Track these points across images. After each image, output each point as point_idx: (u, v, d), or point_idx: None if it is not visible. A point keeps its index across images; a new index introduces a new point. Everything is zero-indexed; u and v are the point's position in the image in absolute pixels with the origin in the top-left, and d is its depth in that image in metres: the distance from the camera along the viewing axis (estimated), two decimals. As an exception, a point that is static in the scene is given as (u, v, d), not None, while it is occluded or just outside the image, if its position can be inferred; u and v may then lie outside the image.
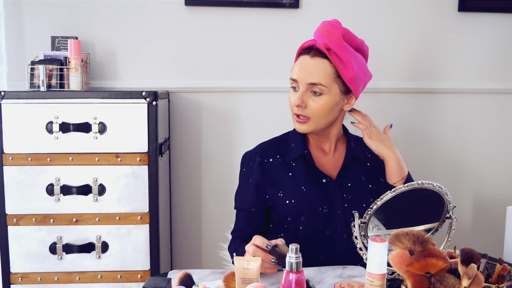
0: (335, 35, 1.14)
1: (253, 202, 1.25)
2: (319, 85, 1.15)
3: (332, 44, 1.14)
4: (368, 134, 1.22)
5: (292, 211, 1.20)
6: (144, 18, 1.87)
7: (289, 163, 1.24)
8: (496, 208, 2.02)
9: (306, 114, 1.17)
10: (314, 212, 1.19)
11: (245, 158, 1.30)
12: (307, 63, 1.16)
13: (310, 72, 1.15)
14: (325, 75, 1.15)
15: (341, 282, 0.99)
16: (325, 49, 1.15)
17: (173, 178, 1.95)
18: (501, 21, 1.95)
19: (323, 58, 1.16)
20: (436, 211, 1.04)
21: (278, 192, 1.22)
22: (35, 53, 1.78)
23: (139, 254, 1.61)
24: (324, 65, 1.15)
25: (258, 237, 1.04)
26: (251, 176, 1.25)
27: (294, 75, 1.18)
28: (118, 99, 1.57)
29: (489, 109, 2.00)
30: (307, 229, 1.19)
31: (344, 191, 1.21)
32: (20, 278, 1.59)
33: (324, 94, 1.16)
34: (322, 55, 1.16)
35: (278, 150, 1.26)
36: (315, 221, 1.19)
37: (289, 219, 1.21)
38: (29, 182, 1.56)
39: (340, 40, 1.15)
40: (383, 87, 1.94)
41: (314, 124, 1.18)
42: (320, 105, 1.16)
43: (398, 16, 1.92)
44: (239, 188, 1.30)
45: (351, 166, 1.24)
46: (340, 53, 1.14)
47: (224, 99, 1.93)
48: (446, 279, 0.79)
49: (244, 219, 1.27)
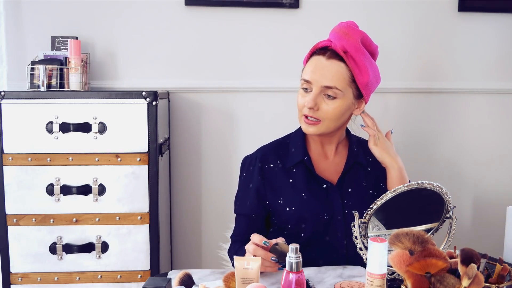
0: (354, 39, 1.12)
1: (253, 207, 1.24)
2: (334, 88, 1.12)
3: (350, 48, 1.12)
4: (374, 140, 1.20)
5: (293, 218, 1.19)
6: (144, 18, 1.87)
7: (289, 169, 1.22)
8: (496, 208, 2.02)
9: (317, 117, 1.14)
10: (315, 219, 1.18)
11: (245, 162, 1.28)
12: (322, 64, 1.13)
13: (325, 75, 1.12)
14: (340, 79, 1.12)
15: (341, 282, 0.99)
16: (342, 51, 1.12)
17: (173, 178, 1.95)
18: (501, 21, 1.95)
19: (339, 61, 1.13)
20: (436, 211, 1.04)
21: (279, 199, 1.21)
22: (35, 53, 1.78)
23: (139, 254, 1.61)
24: (341, 69, 1.12)
25: (256, 235, 1.03)
26: (251, 181, 1.24)
27: (307, 76, 1.14)
28: (118, 99, 1.57)
29: (489, 109, 2.00)
30: (307, 235, 1.18)
31: (344, 197, 1.20)
32: (20, 278, 1.59)
33: (338, 98, 1.13)
34: (339, 57, 1.13)
35: (279, 155, 1.24)
36: (316, 228, 1.18)
37: (290, 226, 1.20)
38: (29, 182, 1.56)
39: (359, 44, 1.12)
40: (383, 87, 1.93)
41: (324, 127, 1.16)
42: (333, 108, 1.13)
43: (398, 16, 1.92)
44: (239, 192, 1.28)
45: (352, 171, 1.23)
46: (357, 58, 1.12)
47: (224, 99, 1.93)
48: (446, 279, 0.79)
49: (244, 223, 1.26)
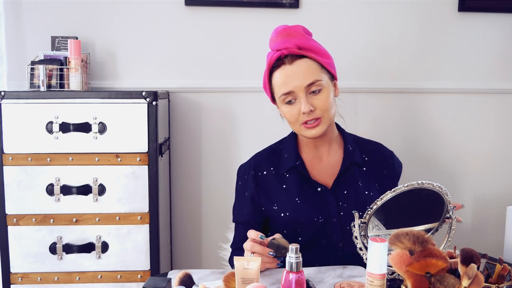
0: (299, 33, 1.16)
1: (250, 214, 1.24)
2: (316, 82, 1.14)
3: (301, 43, 1.15)
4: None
5: (288, 224, 1.19)
6: (144, 18, 1.87)
7: (283, 175, 1.22)
8: (496, 208, 2.02)
9: (316, 116, 1.15)
10: (310, 222, 1.18)
11: (240, 171, 1.29)
12: (291, 71, 1.14)
13: (301, 76, 1.13)
14: (315, 71, 1.15)
15: (341, 282, 0.99)
16: (297, 50, 1.15)
17: (173, 178, 1.95)
18: (501, 21, 1.95)
19: (301, 59, 1.15)
20: (436, 211, 1.04)
21: (273, 205, 1.21)
22: (35, 53, 1.78)
23: (139, 254, 1.61)
24: (308, 63, 1.15)
25: (252, 231, 1.04)
26: (246, 189, 1.25)
27: (286, 88, 1.14)
28: (118, 99, 1.57)
29: (488, 109, 2.00)
30: (303, 239, 1.18)
31: (340, 199, 1.19)
32: (20, 278, 1.59)
33: (322, 88, 1.15)
34: (299, 56, 1.15)
35: (272, 162, 1.25)
36: (311, 231, 1.18)
37: (285, 232, 1.20)
38: (29, 182, 1.56)
39: (304, 35, 1.16)
40: (383, 87, 1.94)
41: (326, 121, 1.16)
42: (324, 99, 1.15)
43: (398, 16, 1.92)
44: (236, 201, 1.29)
45: (348, 171, 1.22)
46: (312, 46, 1.16)
47: (224, 99, 1.93)
48: (446, 279, 0.79)
49: (243, 231, 1.24)
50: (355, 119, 1.95)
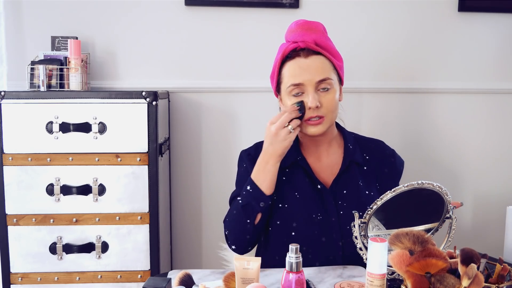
0: (319, 30, 1.17)
1: None
2: (327, 80, 1.14)
3: (319, 40, 1.16)
4: None
5: (283, 216, 1.18)
6: (144, 18, 1.87)
7: (283, 168, 1.21)
8: (496, 208, 2.02)
9: (320, 114, 1.14)
10: (308, 218, 1.17)
11: (243, 154, 1.29)
12: (306, 64, 1.15)
13: (315, 71, 1.14)
14: (328, 69, 1.16)
15: (341, 282, 0.99)
16: (315, 45, 1.16)
17: (173, 178, 1.95)
18: (501, 21, 1.95)
19: (317, 55, 1.16)
20: (436, 211, 1.04)
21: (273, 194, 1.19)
22: (35, 53, 1.78)
23: (139, 254, 1.61)
24: (322, 60, 1.16)
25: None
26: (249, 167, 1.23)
27: (297, 79, 1.14)
28: (118, 99, 1.57)
29: (489, 109, 2.00)
30: (300, 235, 1.17)
31: (339, 198, 1.19)
32: (20, 278, 1.59)
33: (331, 88, 1.16)
34: (315, 52, 1.16)
35: None
36: (309, 228, 1.17)
37: (279, 223, 1.19)
38: (29, 182, 1.56)
39: (324, 33, 1.18)
40: (383, 87, 1.94)
41: (328, 121, 1.17)
42: (331, 99, 1.15)
43: (398, 16, 1.92)
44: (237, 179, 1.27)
45: (348, 171, 1.22)
46: (328, 46, 1.17)
47: (224, 99, 1.93)
48: (446, 279, 0.79)
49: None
50: (356, 119, 1.95)
